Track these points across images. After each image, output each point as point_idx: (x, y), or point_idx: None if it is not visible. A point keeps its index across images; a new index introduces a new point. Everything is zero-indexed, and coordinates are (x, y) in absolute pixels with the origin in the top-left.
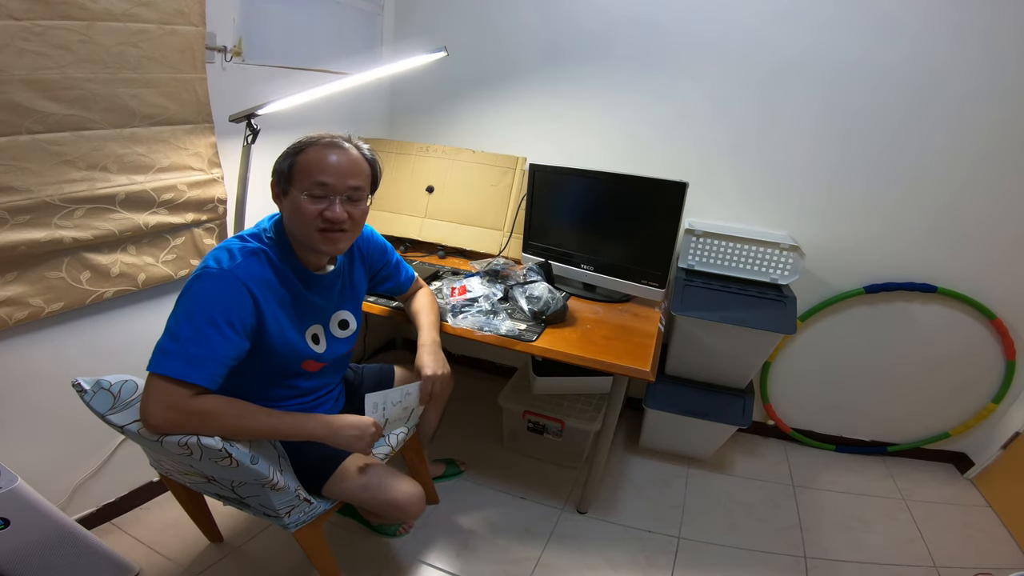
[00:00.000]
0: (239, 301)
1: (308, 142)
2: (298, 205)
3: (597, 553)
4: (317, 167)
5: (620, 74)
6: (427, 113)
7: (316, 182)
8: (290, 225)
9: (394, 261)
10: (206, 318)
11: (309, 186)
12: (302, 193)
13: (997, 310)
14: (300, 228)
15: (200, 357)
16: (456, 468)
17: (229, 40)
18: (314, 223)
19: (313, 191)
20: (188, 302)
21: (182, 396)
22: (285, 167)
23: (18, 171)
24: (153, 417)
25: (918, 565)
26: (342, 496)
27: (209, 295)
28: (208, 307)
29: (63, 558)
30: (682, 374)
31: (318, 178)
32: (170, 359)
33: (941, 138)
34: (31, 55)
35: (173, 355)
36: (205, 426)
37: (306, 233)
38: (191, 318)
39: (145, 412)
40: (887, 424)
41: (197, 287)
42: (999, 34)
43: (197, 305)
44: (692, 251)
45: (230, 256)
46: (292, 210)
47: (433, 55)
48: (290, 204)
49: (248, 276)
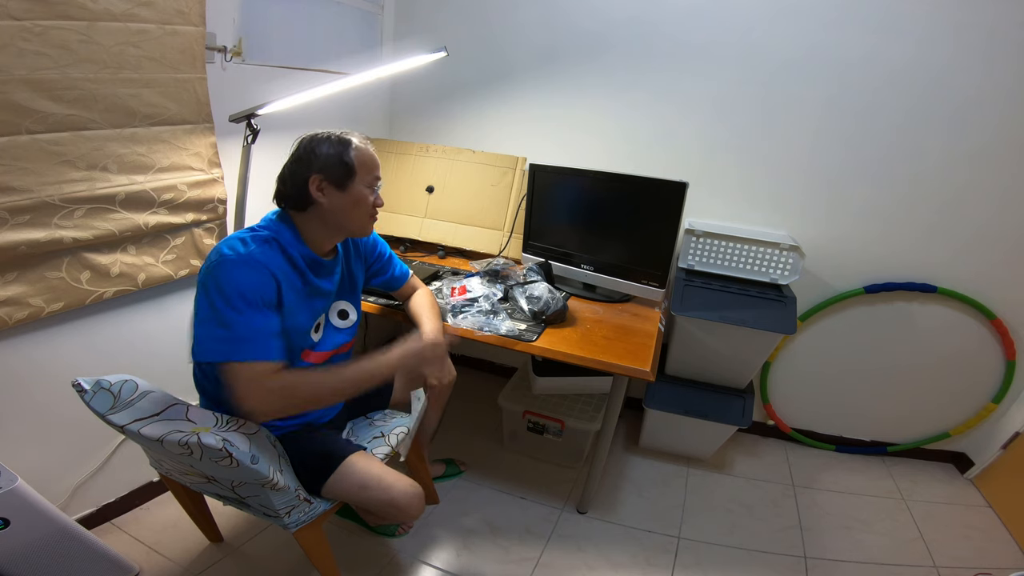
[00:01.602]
0: (264, 282)
1: (345, 139)
2: (361, 196)
3: (597, 553)
4: (373, 162)
5: (620, 74)
6: (427, 113)
7: (375, 176)
8: (342, 215)
9: (387, 255)
10: (245, 300)
11: (370, 180)
12: (367, 186)
13: (997, 310)
14: (357, 217)
15: (259, 333)
16: (456, 468)
17: (229, 40)
18: (369, 211)
19: (372, 184)
20: (222, 288)
21: (268, 374)
22: (349, 161)
23: (18, 171)
24: (256, 405)
25: (918, 565)
26: (342, 496)
27: (240, 278)
28: (243, 288)
29: (63, 558)
30: (682, 374)
31: (375, 172)
32: (237, 344)
33: (942, 138)
34: (31, 55)
35: (237, 340)
36: (301, 399)
37: (362, 220)
38: (230, 302)
39: (247, 403)
40: (887, 424)
41: (223, 273)
42: (1001, 34)
43: (232, 288)
44: (692, 251)
45: (244, 244)
46: (351, 202)
47: (433, 55)
48: (351, 196)
49: (266, 260)
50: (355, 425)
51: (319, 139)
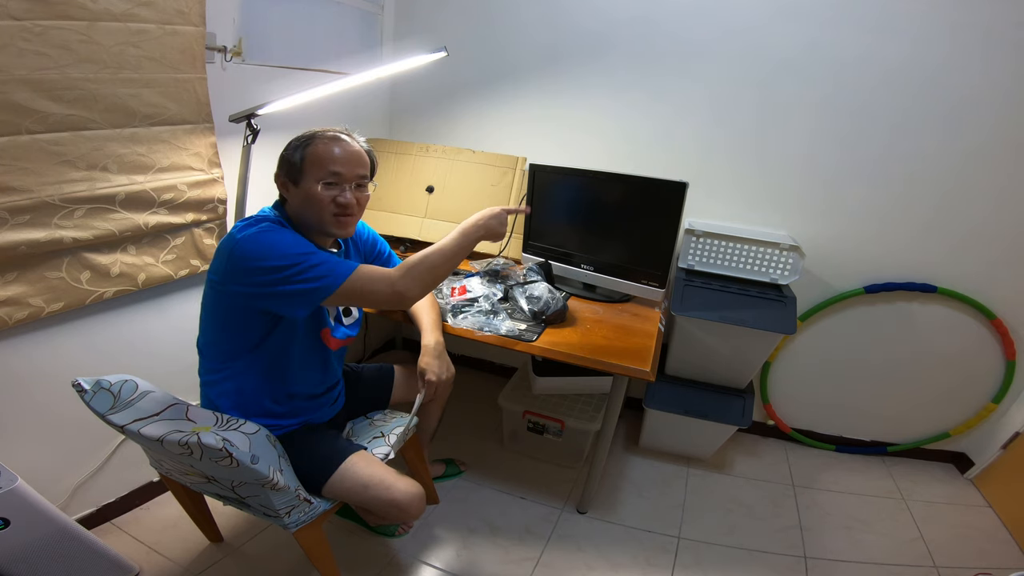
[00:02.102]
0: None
1: (314, 135)
2: (313, 193)
3: (597, 553)
4: (329, 158)
5: (620, 74)
6: (427, 113)
7: (330, 171)
8: (302, 212)
9: (386, 253)
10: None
11: (324, 175)
12: (317, 182)
13: (997, 310)
14: (315, 214)
15: (338, 259)
16: (456, 468)
17: (229, 40)
18: (328, 208)
19: (327, 179)
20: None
21: (382, 267)
22: (297, 158)
23: (18, 171)
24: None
25: (918, 565)
26: (342, 496)
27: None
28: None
29: (63, 558)
30: (682, 374)
31: (331, 168)
32: (339, 267)
33: (940, 137)
34: (31, 55)
35: (332, 269)
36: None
37: (321, 218)
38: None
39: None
40: (887, 424)
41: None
42: (997, 34)
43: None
44: (692, 251)
45: (254, 223)
46: (306, 198)
47: (433, 55)
48: (303, 193)
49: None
50: (355, 425)
51: (298, 136)
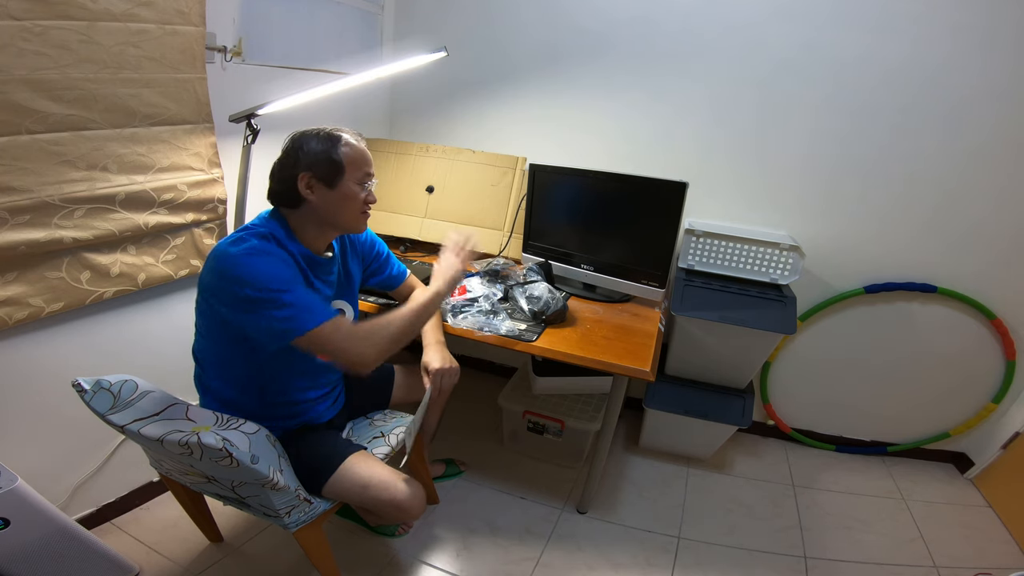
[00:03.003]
0: (285, 263)
1: (335, 135)
2: (352, 193)
3: (597, 553)
4: (363, 159)
5: (620, 74)
6: (427, 113)
7: (366, 172)
8: (333, 213)
9: (384, 254)
10: (280, 281)
11: (361, 176)
12: (354, 183)
13: (997, 310)
14: (348, 213)
15: (314, 305)
16: (456, 468)
17: (229, 40)
18: (360, 207)
19: (363, 180)
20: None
21: (348, 327)
22: (338, 158)
23: (18, 171)
24: (359, 349)
25: (918, 565)
26: (342, 496)
27: (260, 266)
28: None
29: (63, 558)
30: (682, 374)
31: (366, 168)
32: (304, 315)
33: (940, 137)
34: (31, 55)
35: (298, 315)
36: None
37: (353, 217)
38: (269, 288)
39: (352, 353)
40: (887, 424)
41: (242, 268)
42: (997, 33)
43: (261, 278)
44: (692, 251)
45: (242, 241)
46: (340, 199)
47: (433, 55)
48: (338, 194)
49: (274, 248)
50: (355, 425)
51: (308, 136)
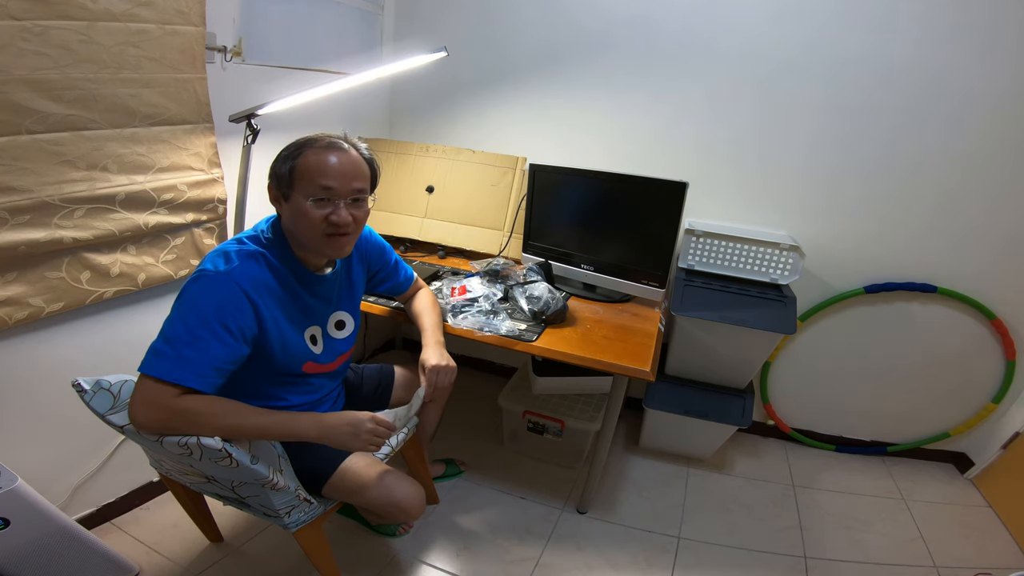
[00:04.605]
0: (236, 305)
1: (306, 143)
2: (303, 210)
3: (597, 553)
4: (319, 171)
5: (620, 74)
6: (427, 113)
7: (320, 186)
8: (294, 230)
9: (393, 261)
10: (201, 320)
11: (313, 191)
12: (307, 199)
13: (997, 310)
14: (306, 233)
15: (191, 359)
16: (456, 468)
17: (229, 40)
18: (320, 228)
19: (317, 195)
20: (184, 304)
21: (168, 395)
22: (285, 171)
23: (18, 171)
24: (138, 415)
25: (918, 565)
26: (342, 496)
27: (205, 298)
28: (203, 310)
29: (63, 558)
30: (682, 374)
31: (321, 182)
32: (161, 360)
33: (941, 137)
34: (31, 55)
35: (164, 356)
36: (191, 425)
37: (312, 237)
38: (184, 320)
39: (132, 411)
40: (887, 424)
41: (193, 289)
42: (998, 33)
43: (192, 307)
44: (692, 251)
45: (227, 259)
46: (295, 215)
47: (433, 55)
48: (292, 209)
49: (246, 280)
50: None
51: (290, 144)
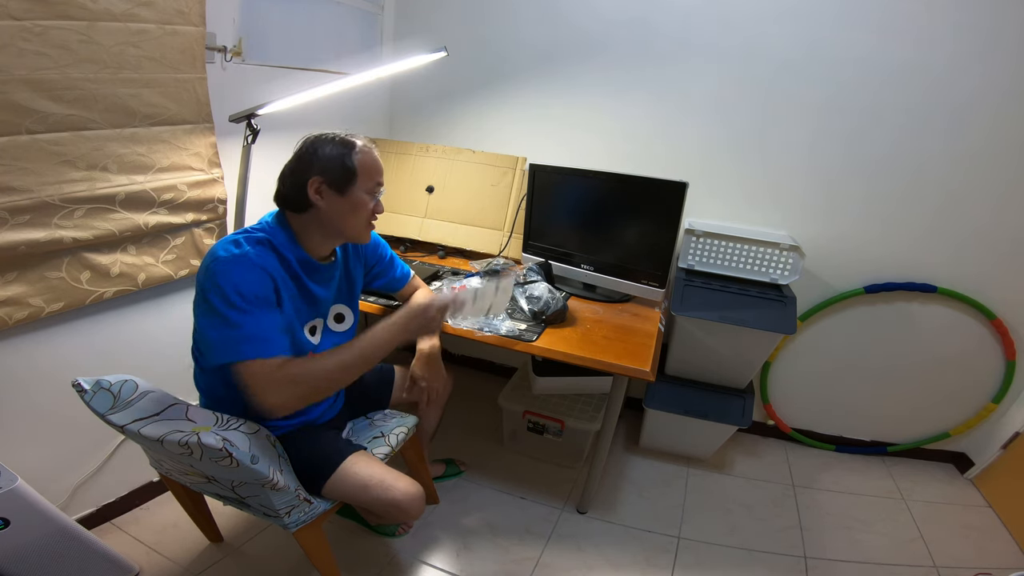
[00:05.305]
0: (261, 280)
1: (350, 142)
2: (361, 203)
3: (597, 553)
4: (375, 168)
5: (620, 74)
6: (427, 113)
7: (377, 182)
8: (337, 220)
9: (388, 257)
10: (244, 299)
11: (372, 186)
12: (365, 191)
13: (997, 310)
14: (355, 222)
15: (265, 331)
16: (456, 468)
17: (229, 40)
18: (367, 217)
19: (373, 190)
20: (218, 288)
21: (275, 369)
22: (351, 165)
23: (18, 171)
24: (268, 399)
25: (918, 565)
26: (342, 496)
27: (235, 278)
28: (240, 288)
29: (63, 558)
30: (682, 374)
31: (378, 178)
32: (246, 344)
33: (941, 138)
34: (31, 55)
35: (244, 340)
36: (310, 386)
37: (358, 226)
38: (230, 302)
39: (261, 399)
40: (887, 424)
41: (219, 274)
42: (1000, 34)
43: (230, 288)
44: (692, 251)
45: (237, 245)
46: (349, 207)
47: (433, 55)
48: (347, 202)
49: (261, 260)
50: (355, 425)
51: (323, 140)
